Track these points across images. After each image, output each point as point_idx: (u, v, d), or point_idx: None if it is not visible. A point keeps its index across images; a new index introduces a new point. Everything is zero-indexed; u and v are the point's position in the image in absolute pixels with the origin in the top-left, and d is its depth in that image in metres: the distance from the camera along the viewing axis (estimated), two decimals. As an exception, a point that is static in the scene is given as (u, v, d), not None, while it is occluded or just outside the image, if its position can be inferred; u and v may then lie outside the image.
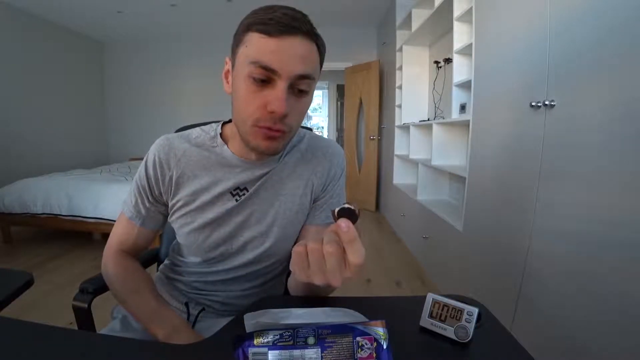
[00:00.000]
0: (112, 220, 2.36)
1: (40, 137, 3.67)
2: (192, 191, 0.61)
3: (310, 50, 0.51)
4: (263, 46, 0.48)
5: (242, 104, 0.52)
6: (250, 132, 0.53)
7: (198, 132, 0.66)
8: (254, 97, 0.51)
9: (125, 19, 3.81)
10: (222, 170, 0.61)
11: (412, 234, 2.59)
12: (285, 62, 0.48)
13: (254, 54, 0.49)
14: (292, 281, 0.64)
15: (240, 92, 0.52)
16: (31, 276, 0.63)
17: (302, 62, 0.49)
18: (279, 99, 0.49)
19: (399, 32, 3.10)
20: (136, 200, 0.65)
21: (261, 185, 0.62)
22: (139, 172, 0.64)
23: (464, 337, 0.45)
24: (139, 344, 0.48)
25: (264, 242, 0.64)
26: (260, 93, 0.50)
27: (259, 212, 0.63)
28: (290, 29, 0.48)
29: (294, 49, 0.49)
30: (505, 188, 1.36)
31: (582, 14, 0.96)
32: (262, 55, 0.48)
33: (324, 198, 0.66)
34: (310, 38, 0.50)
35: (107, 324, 0.68)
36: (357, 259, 0.35)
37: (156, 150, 0.63)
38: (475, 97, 1.61)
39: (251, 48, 0.49)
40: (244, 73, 0.50)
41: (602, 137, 0.89)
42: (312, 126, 7.42)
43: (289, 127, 0.54)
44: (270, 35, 0.48)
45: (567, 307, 0.99)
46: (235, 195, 0.62)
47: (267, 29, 0.48)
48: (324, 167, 0.66)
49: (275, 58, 0.48)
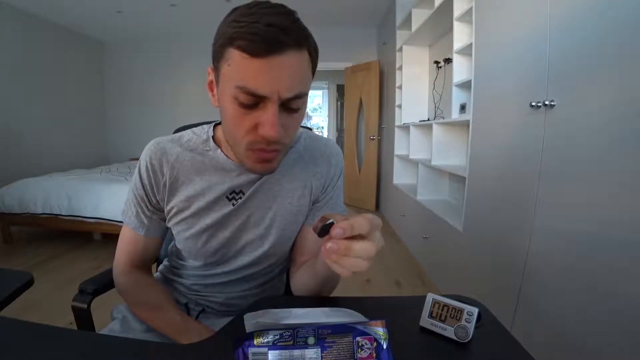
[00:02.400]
0: (112, 220, 2.36)
1: (40, 137, 3.66)
2: (186, 196, 0.60)
3: (301, 64, 0.46)
4: (247, 68, 0.43)
5: (232, 126, 0.50)
6: (244, 155, 0.52)
7: (190, 135, 0.63)
8: (243, 119, 0.47)
9: (125, 19, 3.81)
10: (217, 175, 0.60)
11: (412, 234, 2.59)
12: (275, 85, 0.44)
13: (238, 77, 0.44)
14: (299, 278, 0.64)
15: (228, 112, 0.48)
16: (31, 276, 0.63)
17: (291, 82, 0.45)
18: (270, 124, 0.45)
19: (399, 32, 3.10)
20: (137, 210, 0.63)
21: (258, 188, 0.61)
22: (134, 181, 0.63)
23: (464, 337, 0.45)
24: (139, 344, 0.48)
25: (263, 245, 0.63)
26: (250, 115, 0.47)
27: (256, 214, 0.62)
28: (278, 46, 0.43)
29: (283, 68, 0.44)
30: (505, 188, 1.36)
31: (582, 14, 0.96)
32: (247, 80, 0.44)
33: (324, 199, 0.65)
34: (300, 47, 0.45)
35: (106, 325, 0.68)
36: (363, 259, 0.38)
37: (148, 156, 0.61)
38: (475, 97, 1.61)
39: (234, 68, 0.45)
40: (230, 95, 0.46)
41: (602, 137, 0.89)
42: (312, 126, 7.42)
43: (283, 146, 0.52)
44: (255, 56, 0.43)
45: (567, 307, 0.99)
46: (232, 199, 0.61)
47: (251, 48, 0.42)
48: (323, 169, 0.65)
49: (263, 82, 0.44)
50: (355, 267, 0.38)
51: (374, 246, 0.38)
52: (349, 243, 0.37)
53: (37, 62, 3.59)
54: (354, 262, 0.38)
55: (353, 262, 0.38)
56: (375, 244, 0.39)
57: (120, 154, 4.71)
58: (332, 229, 0.37)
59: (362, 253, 0.37)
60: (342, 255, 0.38)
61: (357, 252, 0.37)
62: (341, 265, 0.38)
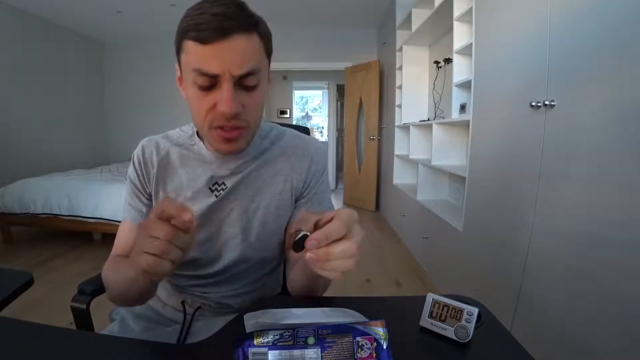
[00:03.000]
0: (112, 220, 2.36)
1: (40, 137, 3.66)
2: (173, 188, 0.63)
3: (250, 45, 0.50)
4: (200, 54, 0.48)
5: (194, 109, 0.53)
6: (209, 135, 0.55)
7: (178, 132, 0.68)
8: (204, 101, 0.51)
9: (125, 19, 3.81)
10: (200, 167, 0.63)
11: (412, 234, 2.59)
12: (226, 65, 0.48)
13: (193, 62, 0.49)
14: (293, 278, 0.64)
15: (191, 97, 0.52)
16: (31, 276, 0.63)
17: (242, 61, 0.49)
18: (225, 100, 0.49)
19: (399, 32, 3.10)
20: (134, 202, 0.65)
21: (240, 181, 0.62)
22: (129, 176, 0.66)
23: (464, 337, 0.45)
24: (138, 344, 0.48)
25: (247, 238, 0.64)
26: (209, 96, 0.50)
27: (239, 208, 0.63)
28: (223, 32, 0.47)
29: (231, 50, 0.48)
30: (505, 188, 1.36)
31: (582, 14, 0.96)
32: (200, 63, 0.48)
33: (308, 196, 0.66)
34: (248, 31, 0.49)
35: (106, 326, 0.68)
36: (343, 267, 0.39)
37: (140, 150, 0.65)
38: (475, 97, 1.61)
39: (190, 56, 0.49)
40: (190, 80, 0.51)
41: (602, 137, 0.89)
42: (312, 126, 7.41)
43: (246, 123, 0.54)
44: (204, 43, 0.47)
45: (567, 307, 0.99)
46: (214, 190, 0.62)
47: (200, 37, 0.47)
48: (303, 165, 0.66)
49: (214, 64, 0.47)
50: (340, 268, 0.39)
51: (353, 243, 0.39)
52: (327, 249, 0.38)
53: (37, 62, 3.59)
54: (339, 264, 0.39)
55: (337, 264, 0.39)
56: (355, 240, 0.39)
57: (120, 154, 4.71)
58: (307, 242, 0.37)
59: (343, 255, 0.38)
60: (324, 261, 0.38)
61: (338, 256, 0.38)
62: (327, 270, 0.39)
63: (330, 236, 0.37)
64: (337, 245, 0.38)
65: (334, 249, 0.38)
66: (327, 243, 0.37)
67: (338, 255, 0.38)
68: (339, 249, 0.38)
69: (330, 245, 0.38)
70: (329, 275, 0.40)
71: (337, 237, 0.38)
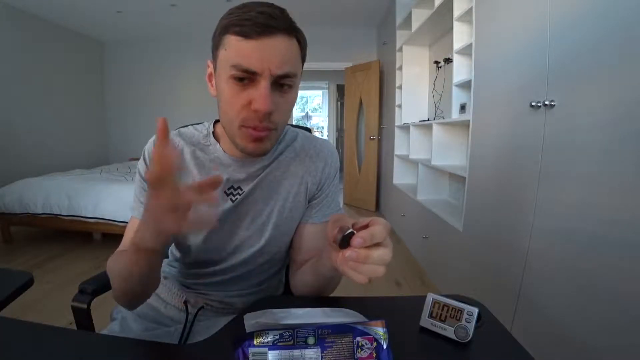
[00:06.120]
0: (112, 220, 2.37)
1: (40, 137, 3.66)
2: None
3: (290, 47, 0.50)
4: (241, 49, 0.48)
5: (227, 105, 0.52)
6: (237, 134, 0.53)
7: (191, 130, 0.66)
8: (238, 97, 0.50)
9: (125, 19, 3.81)
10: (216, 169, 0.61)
11: (412, 234, 2.59)
12: (266, 63, 0.48)
13: (233, 57, 0.49)
14: (299, 278, 0.64)
15: (224, 94, 0.52)
16: (31, 276, 0.63)
17: (282, 61, 0.49)
18: (262, 97, 0.48)
19: (399, 32, 3.10)
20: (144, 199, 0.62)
21: (257, 185, 0.62)
22: (138, 171, 0.63)
23: (464, 337, 0.45)
24: (138, 344, 0.48)
25: (259, 241, 0.64)
26: (244, 92, 0.50)
27: (254, 211, 0.63)
28: (268, 29, 0.47)
29: (273, 49, 0.48)
30: (505, 188, 1.36)
31: (582, 14, 0.96)
32: (241, 58, 0.48)
33: (320, 197, 0.66)
34: (289, 34, 0.50)
35: (106, 325, 0.68)
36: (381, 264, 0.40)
37: (151, 144, 0.63)
38: (475, 97, 1.61)
39: (230, 51, 0.49)
40: (226, 75, 0.50)
41: (602, 137, 0.89)
42: (312, 126, 7.42)
43: (274, 125, 0.54)
44: (248, 38, 0.47)
45: (567, 307, 0.99)
46: (230, 194, 0.62)
47: (244, 31, 0.47)
48: (318, 167, 0.66)
49: (255, 60, 0.48)
50: (373, 273, 0.40)
51: (390, 252, 0.40)
52: (368, 251, 0.39)
53: (37, 62, 3.59)
54: (372, 268, 0.39)
55: (371, 269, 0.40)
56: (390, 249, 0.40)
57: (120, 154, 4.71)
58: (353, 240, 0.38)
59: (380, 260, 0.39)
60: (361, 262, 0.39)
61: (376, 260, 0.39)
62: (359, 272, 0.40)
63: (375, 237, 0.39)
64: (377, 249, 0.39)
65: (374, 252, 0.39)
66: (370, 244, 0.39)
67: (375, 259, 0.39)
68: (377, 253, 0.39)
69: (371, 248, 0.39)
70: (357, 278, 0.40)
71: (379, 240, 0.39)
